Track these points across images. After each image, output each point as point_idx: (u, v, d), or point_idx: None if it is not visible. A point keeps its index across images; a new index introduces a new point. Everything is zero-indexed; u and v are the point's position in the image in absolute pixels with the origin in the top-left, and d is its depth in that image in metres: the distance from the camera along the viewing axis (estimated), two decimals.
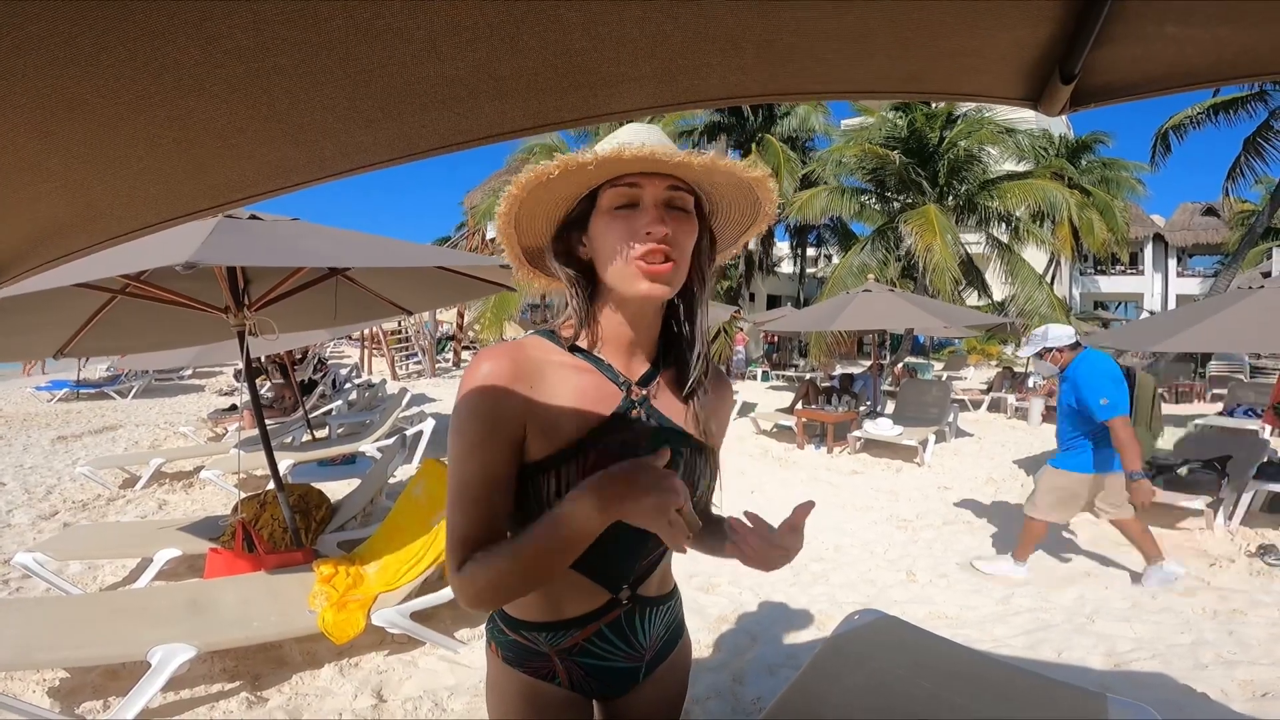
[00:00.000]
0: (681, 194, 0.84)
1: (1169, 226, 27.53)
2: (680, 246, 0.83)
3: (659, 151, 0.76)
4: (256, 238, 2.89)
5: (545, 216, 0.89)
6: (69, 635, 2.54)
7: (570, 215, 0.88)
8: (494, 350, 0.86)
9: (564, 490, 0.84)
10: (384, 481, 4.81)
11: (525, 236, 0.91)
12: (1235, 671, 2.69)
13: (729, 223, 0.95)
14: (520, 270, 0.95)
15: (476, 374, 0.84)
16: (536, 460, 0.85)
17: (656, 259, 0.81)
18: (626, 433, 0.88)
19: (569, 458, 0.85)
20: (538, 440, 0.85)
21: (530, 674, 0.94)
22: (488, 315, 15.66)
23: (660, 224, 0.81)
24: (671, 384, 0.95)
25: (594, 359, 0.90)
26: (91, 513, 5.40)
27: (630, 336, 0.91)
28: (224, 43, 0.56)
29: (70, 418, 10.50)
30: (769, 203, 0.88)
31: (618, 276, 0.84)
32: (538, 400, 0.85)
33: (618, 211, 0.83)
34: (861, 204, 16.71)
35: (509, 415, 0.83)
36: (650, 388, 0.93)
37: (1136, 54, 0.82)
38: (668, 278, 0.83)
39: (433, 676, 2.76)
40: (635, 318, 0.90)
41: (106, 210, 0.87)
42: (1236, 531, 4.56)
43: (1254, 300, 4.95)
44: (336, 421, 8.55)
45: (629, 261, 0.82)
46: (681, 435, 0.93)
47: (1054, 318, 13.07)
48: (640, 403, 0.91)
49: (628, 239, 0.82)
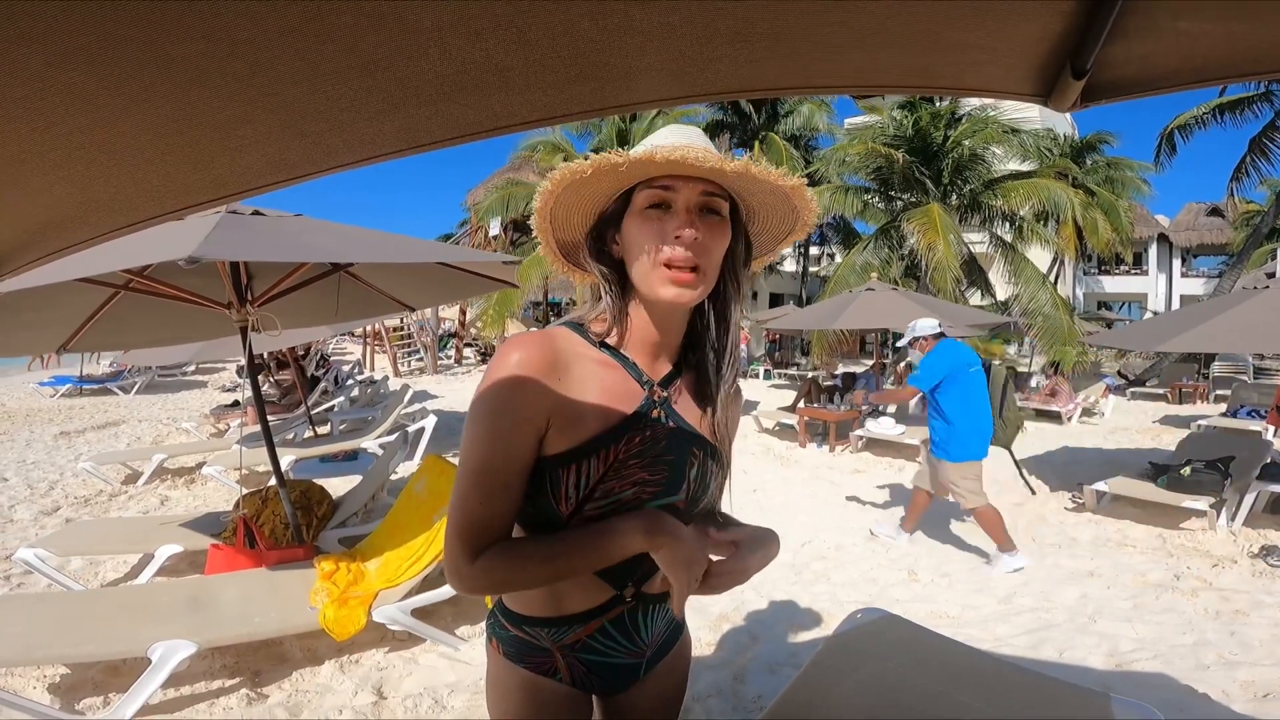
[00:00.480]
0: (716, 199, 0.84)
1: (1174, 227, 27.47)
2: (710, 252, 0.83)
3: (690, 155, 0.76)
4: (260, 233, 2.89)
5: (581, 211, 0.89)
6: (70, 631, 2.55)
7: (605, 212, 0.88)
8: (524, 339, 0.85)
9: (583, 483, 0.84)
10: (386, 478, 4.81)
11: (560, 230, 0.91)
12: (1237, 672, 2.68)
13: (767, 229, 0.94)
14: (556, 264, 0.95)
15: (507, 362, 0.83)
16: (558, 453, 0.84)
17: (682, 265, 0.81)
18: (646, 432, 0.88)
19: (590, 452, 0.84)
20: (560, 432, 0.84)
21: (532, 669, 0.94)
22: (490, 312, 15.65)
23: (689, 227, 0.81)
24: (691, 386, 0.95)
25: (620, 356, 0.90)
26: (94, 508, 5.41)
27: (657, 337, 0.91)
28: (231, 34, 0.55)
29: (73, 413, 10.52)
30: (807, 211, 0.88)
31: (643, 279, 0.85)
32: (564, 392, 0.84)
33: (649, 212, 0.83)
34: (865, 202, 16.65)
35: (536, 405, 0.83)
36: (671, 389, 0.93)
37: (1148, 49, 0.81)
38: (692, 284, 0.82)
39: (433, 673, 2.76)
40: (663, 319, 0.90)
41: (107, 202, 0.87)
42: (1239, 532, 4.54)
43: (1259, 301, 4.94)
44: (338, 418, 8.55)
45: (655, 265, 0.82)
46: (697, 438, 0.93)
47: (1057, 318, 13.01)
48: (661, 403, 0.91)
49: (656, 241, 0.82)
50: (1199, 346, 5.26)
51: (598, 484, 0.84)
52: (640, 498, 0.87)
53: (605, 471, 0.84)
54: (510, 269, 3.99)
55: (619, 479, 0.85)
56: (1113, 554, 4.26)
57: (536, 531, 0.88)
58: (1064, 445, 8.03)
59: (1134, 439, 8.62)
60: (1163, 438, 8.49)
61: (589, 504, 0.85)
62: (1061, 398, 10.13)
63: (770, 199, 0.88)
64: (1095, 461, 6.97)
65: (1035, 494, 5.67)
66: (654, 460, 0.88)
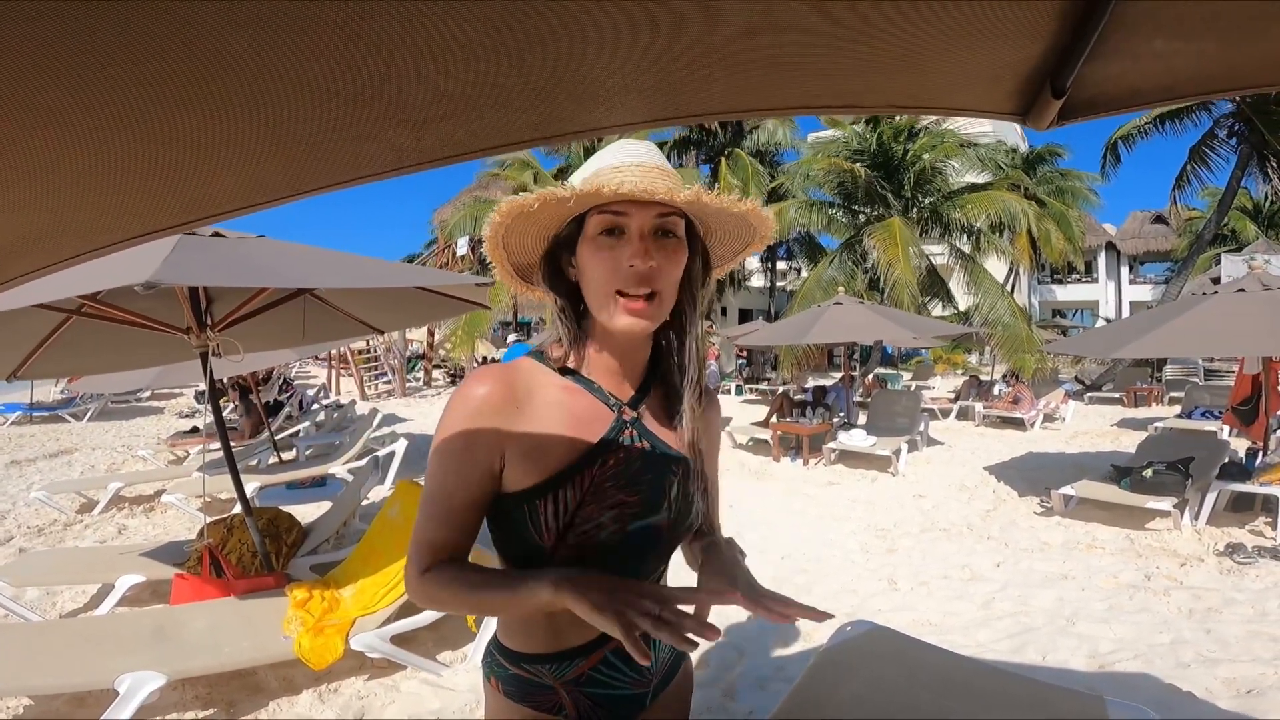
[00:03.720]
0: (671, 218, 0.82)
1: (1120, 235, 28.52)
2: (667, 276, 0.82)
3: (640, 187, 0.75)
4: (221, 256, 2.80)
5: (536, 235, 0.88)
6: (31, 663, 2.45)
7: (559, 235, 0.87)
8: (484, 375, 0.86)
9: (562, 512, 0.82)
10: (357, 503, 4.69)
11: (515, 255, 0.90)
12: (1217, 670, 2.74)
13: (724, 243, 0.94)
14: (514, 285, 0.93)
15: (470, 394, 0.84)
16: (531, 486, 0.83)
17: (638, 293, 0.80)
18: (619, 454, 0.86)
19: (564, 481, 0.83)
20: (525, 465, 0.83)
21: (535, 708, 0.90)
22: (459, 333, 15.48)
23: (644, 256, 0.79)
24: (660, 403, 0.94)
25: (584, 380, 0.89)
26: (48, 538, 5.20)
27: (620, 359, 0.90)
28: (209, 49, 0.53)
29: (23, 441, 10.11)
30: (764, 227, 0.88)
31: (599, 307, 0.84)
32: (525, 426, 0.84)
33: (602, 239, 0.82)
34: (830, 217, 16.96)
35: (489, 443, 0.83)
36: (640, 409, 0.91)
37: (1123, 68, 0.84)
38: (648, 314, 0.82)
39: (416, 700, 2.69)
40: (624, 342, 0.89)
41: (70, 227, 0.83)
42: (1203, 531, 4.69)
43: (1208, 306, 5.14)
44: (304, 443, 8.34)
45: (610, 295, 0.81)
46: (674, 456, 0.92)
47: (1016, 326, 13.39)
48: (632, 423, 0.89)
49: (610, 269, 0.81)
50: (1154, 352, 5.45)
51: (576, 511, 0.83)
52: (622, 520, 0.86)
53: (582, 498, 0.83)
54: (482, 291, 3.94)
55: (598, 504, 0.84)
56: (1084, 556, 4.35)
57: (521, 564, 0.87)
58: (1029, 451, 8.23)
59: (1095, 442, 8.87)
60: (1122, 440, 8.75)
61: (571, 532, 0.83)
62: (1024, 404, 10.39)
63: (725, 217, 0.87)
64: (1059, 466, 7.15)
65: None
66: (631, 482, 0.86)
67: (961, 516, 5.45)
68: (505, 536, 0.88)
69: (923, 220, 15.91)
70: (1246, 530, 4.67)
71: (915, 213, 15.95)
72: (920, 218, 15.90)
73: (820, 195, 17.29)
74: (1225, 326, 4.87)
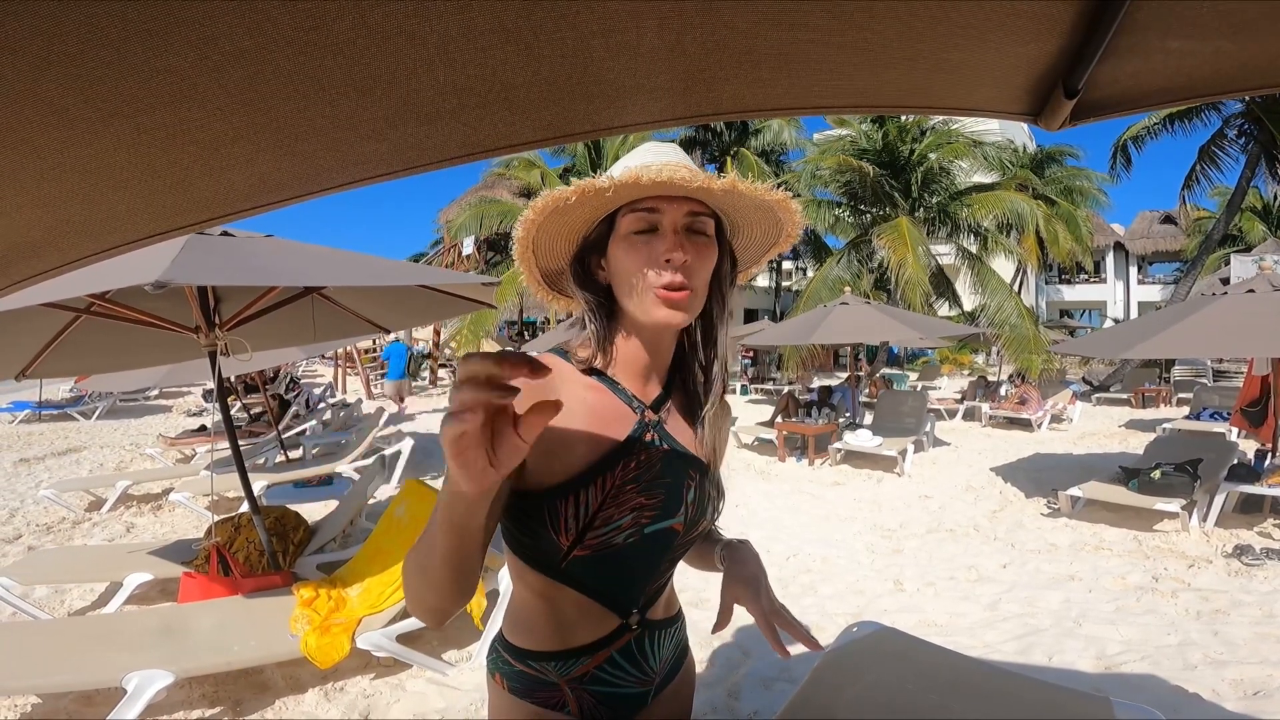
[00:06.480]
0: (702, 218, 0.83)
1: (1129, 235, 28.36)
2: (699, 273, 0.82)
3: (678, 176, 0.75)
4: (229, 256, 2.81)
5: (564, 238, 0.87)
6: (40, 661, 2.46)
7: (588, 238, 0.87)
8: None
9: (582, 513, 0.82)
10: (363, 502, 4.70)
11: (543, 259, 0.90)
12: (1225, 671, 2.72)
13: (750, 243, 0.94)
14: (539, 292, 0.93)
15: None
16: (555, 485, 0.82)
17: (675, 286, 0.80)
18: (641, 455, 0.86)
19: (588, 481, 0.83)
20: (550, 460, 0.82)
21: (539, 704, 0.91)
22: (465, 332, 15.50)
23: (679, 250, 0.79)
24: (681, 407, 0.94)
25: (609, 381, 0.89)
26: (57, 536, 5.22)
27: (645, 360, 0.90)
28: (222, 45, 0.53)
29: (32, 440, 10.16)
30: (791, 223, 0.88)
31: (635, 303, 0.83)
32: (552, 420, 0.82)
33: (636, 236, 0.82)
34: (836, 216, 16.91)
35: None
36: (662, 411, 0.91)
37: (1138, 68, 0.83)
38: (685, 305, 0.81)
39: (421, 700, 2.70)
40: (652, 342, 0.89)
41: (81, 226, 0.83)
42: (1211, 533, 4.66)
43: (1217, 306, 5.10)
44: (311, 442, 8.37)
45: (647, 289, 0.81)
46: (692, 459, 0.92)
47: (1023, 327, 13.30)
48: (654, 425, 0.89)
49: (646, 266, 0.81)
50: (1162, 353, 5.41)
51: (596, 512, 0.83)
52: (639, 523, 0.86)
53: (603, 499, 0.83)
54: (489, 290, 3.95)
55: (616, 505, 0.84)
56: (1091, 558, 4.33)
57: (534, 562, 0.86)
58: (1036, 452, 8.19)
59: (1102, 443, 8.82)
60: (1130, 441, 8.70)
61: (589, 533, 0.83)
62: (1031, 405, 10.34)
63: (754, 213, 0.88)
64: (1067, 467, 7.12)
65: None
66: (650, 484, 0.86)
67: (968, 517, 5.43)
68: (521, 534, 0.87)
69: (930, 220, 15.85)
70: (1255, 532, 4.63)
71: (922, 212, 15.90)
72: (927, 217, 15.84)
73: (826, 195, 17.25)
74: (1234, 327, 4.83)
